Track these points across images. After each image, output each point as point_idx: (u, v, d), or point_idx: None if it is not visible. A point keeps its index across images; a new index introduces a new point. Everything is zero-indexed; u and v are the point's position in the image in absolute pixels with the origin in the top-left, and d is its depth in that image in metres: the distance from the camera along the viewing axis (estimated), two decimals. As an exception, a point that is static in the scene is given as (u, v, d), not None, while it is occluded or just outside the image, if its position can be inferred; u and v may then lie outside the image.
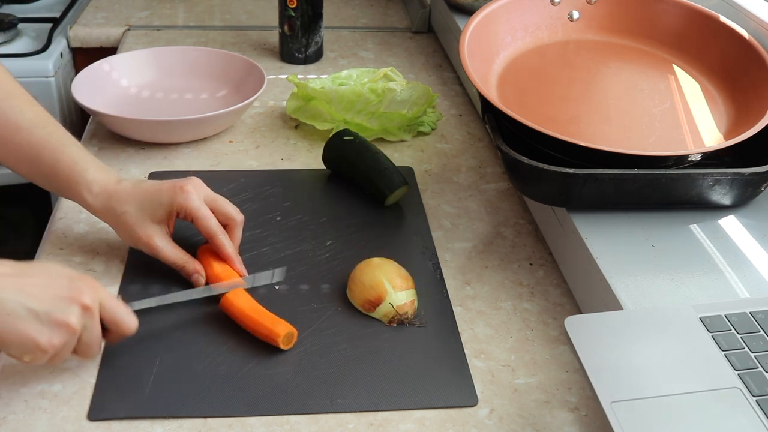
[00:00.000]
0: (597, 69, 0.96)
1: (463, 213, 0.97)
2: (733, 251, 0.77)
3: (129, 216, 0.80)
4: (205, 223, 0.81)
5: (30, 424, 0.67)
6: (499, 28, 0.96)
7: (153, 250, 0.81)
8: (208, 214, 0.81)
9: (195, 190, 0.81)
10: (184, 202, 0.80)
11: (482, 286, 0.85)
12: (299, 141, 1.12)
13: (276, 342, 0.73)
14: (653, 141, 0.85)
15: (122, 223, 0.81)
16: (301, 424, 0.68)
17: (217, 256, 0.82)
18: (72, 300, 0.65)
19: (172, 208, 0.80)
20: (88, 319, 0.66)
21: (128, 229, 0.81)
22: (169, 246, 0.81)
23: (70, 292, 0.65)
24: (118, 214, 0.81)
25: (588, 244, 0.77)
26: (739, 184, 0.80)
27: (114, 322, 0.69)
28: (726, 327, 0.61)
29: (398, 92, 1.11)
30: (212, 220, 0.81)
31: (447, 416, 0.69)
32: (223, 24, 1.54)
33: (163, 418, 0.68)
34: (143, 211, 0.80)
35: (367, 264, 0.80)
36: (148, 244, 0.81)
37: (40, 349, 0.63)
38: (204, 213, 0.81)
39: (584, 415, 0.70)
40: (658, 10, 0.98)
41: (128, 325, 0.70)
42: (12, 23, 1.47)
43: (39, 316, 0.63)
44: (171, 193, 0.80)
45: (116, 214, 0.81)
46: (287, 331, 0.73)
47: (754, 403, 0.56)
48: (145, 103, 1.17)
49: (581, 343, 0.60)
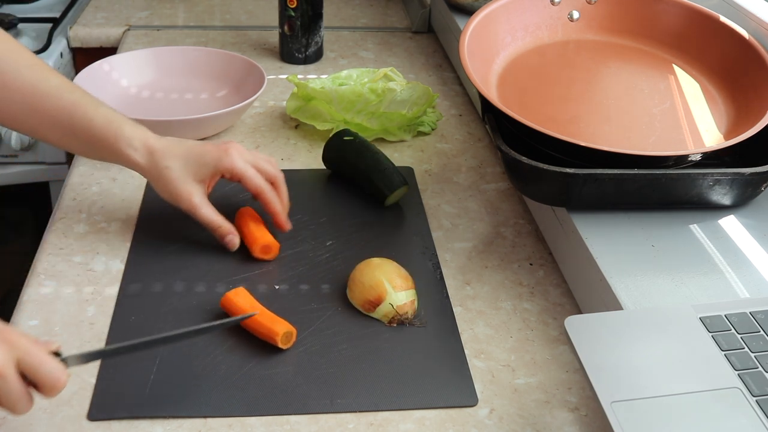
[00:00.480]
0: (597, 69, 0.96)
1: (463, 213, 0.97)
2: (733, 251, 0.77)
3: (172, 171, 0.82)
4: (253, 181, 0.84)
5: (30, 424, 0.66)
6: (499, 28, 0.96)
7: (192, 208, 0.83)
8: (254, 172, 0.84)
9: (238, 152, 0.84)
10: (231, 163, 0.83)
11: (482, 286, 0.85)
12: (299, 141, 1.12)
13: (275, 341, 0.73)
14: (653, 141, 0.85)
15: (164, 178, 0.82)
16: (301, 424, 0.68)
17: (255, 219, 0.87)
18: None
19: (217, 168, 0.83)
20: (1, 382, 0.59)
21: (169, 185, 0.83)
22: (208, 206, 0.84)
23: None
24: (161, 168, 0.82)
25: (588, 244, 0.77)
26: (739, 184, 0.80)
27: (36, 378, 0.60)
28: (726, 327, 0.61)
29: (398, 92, 1.11)
30: (259, 177, 0.84)
31: (447, 416, 0.69)
32: (223, 24, 1.54)
33: (163, 418, 0.68)
34: (187, 168, 0.83)
35: (367, 264, 0.80)
36: (189, 200, 0.83)
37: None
38: (251, 172, 0.84)
39: (584, 415, 0.70)
40: (658, 10, 0.98)
41: (53, 384, 0.60)
42: (12, 23, 1.47)
43: None
44: (216, 155, 0.83)
45: (159, 168, 0.82)
46: (286, 330, 0.73)
47: (754, 403, 0.56)
48: (145, 103, 1.17)
49: (581, 343, 0.60)
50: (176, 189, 0.83)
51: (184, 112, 1.12)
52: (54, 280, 0.83)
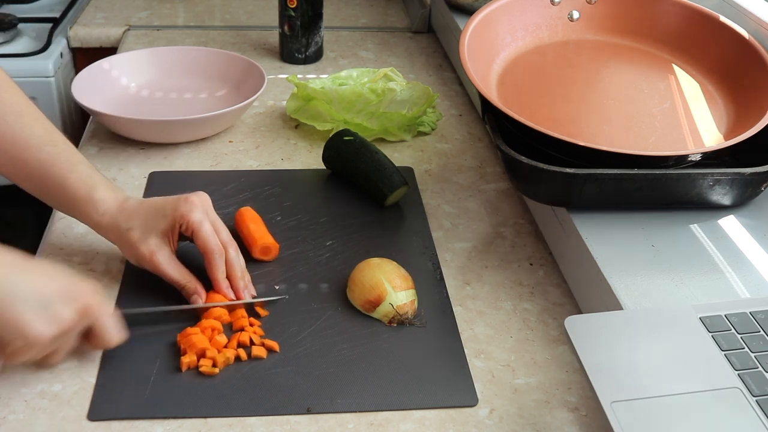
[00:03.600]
0: (597, 69, 0.96)
1: (463, 213, 0.97)
2: (733, 251, 0.77)
3: (132, 233, 0.79)
4: (205, 238, 0.78)
5: (30, 424, 0.67)
6: (499, 28, 0.96)
7: (155, 266, 0.78)
8: (208, 229, 0.78)
9: (200, 203, 0.79)
10: (187, 213, 0.78)
11: (482, 286, 0.85)
12: (299, 141, 1.12)
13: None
14: (653, 141, 0.85)
15: (126, 240, 0.79)
16: (301, 424, 0.68)
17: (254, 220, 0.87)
18: (73, 299, 0.66)
19: (174, 217, 0.78)
20: (80, 321, 0.67)
21: (132, 246, 0.79)
22: (173, 263, 0.79)
23: (73, 290, 0.66)
24: (123, 231, 0.79)
25: (588, 244, 0.77)
26: (739, 184, 0.80)
27: (102, 331, 0.69)
28: (726, 327, 0.61)
29: (398, 92, 1.11)
30: (212, 237, 0.78)
31: (447, 416, 0.69)
32: (223, 24, 1.54)
33: (163, 418, 0.68)
34: (146, 225, 0.79)
35: (366, 264, 0.80)
36: (150, 260, 0.78)
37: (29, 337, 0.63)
38: (205, 228, 0.78)
39: (584, 415, 0.70)
40: (658, 10, 0.98)
41: (112, 338, 0.70)
42: (12, 23, 1.47)
43: (39, 305, 0.63)
44: (175, 204, 0.79)
45: (121, 231, 0.79)
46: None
47: (754, 403, 0.56)
48: (145, 103, 1.17)
49: (581, 343, 0.60)
50: (139, 249, 0.78)
51: (183, 112, 1.12)
52: (54, 280, 0.82)
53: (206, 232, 0.78)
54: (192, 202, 0.79)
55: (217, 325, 0.75)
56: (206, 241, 0.78)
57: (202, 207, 0.79)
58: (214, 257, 0.78)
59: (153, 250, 0.78)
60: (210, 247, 0.78)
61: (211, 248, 0.78)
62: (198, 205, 0.79)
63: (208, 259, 0.79)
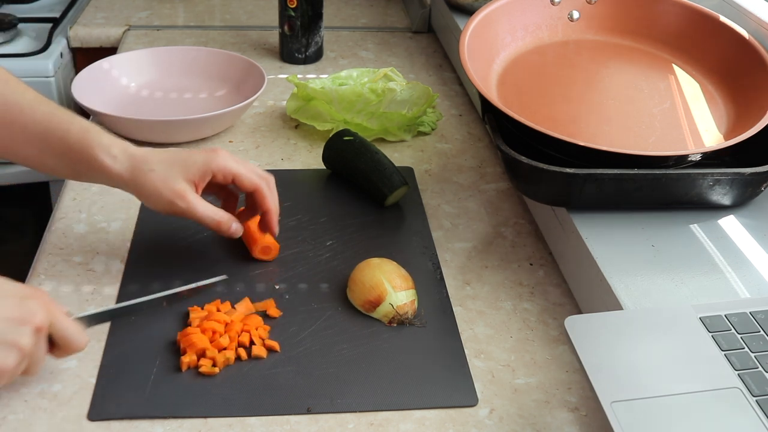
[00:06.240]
0: (597, 69, 0.96)
1: (463, 213, 0.97)
2: (733, 251, 0.77)
3: (157, 174, 0.76)
4: (249, 177, 0.80)
5: (30, 424, 0.67)
6: (499, 28, 0.96)
7: (187, 205, 0.77)
8: (249, 168, 0.81)
9: (228, 154, 0.81)
10: (223, 162, 0.79)
11: (482, 286, 0.85)
12: (299, 141, 1.12)
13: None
14: (653, 141, 0.85)
15: (150, 183, 0.76)
16: (301, 424, 0.68)
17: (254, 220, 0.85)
18: (24, 321, 0.63)
19: (208, 167, 0.78)
20: (39, 338, 0.64)
21: (157, 188, 0.76)
22: (204, 202, 0.78)
23: (22, 313, 0.63)
24: (145, 172, 0.76)
25: (588, 244, 0.77)
26: (739, 184, 0.80)
27: (64, 340, 0.67)
28: (726, 327, 0.61)
29: (398, 92, 1.11)
30: (255, 174, 0.81)
31: (447, 416, 0.69)
32: (223, 24, 1.54)
33: (163, 418, 0.68)
34: (173, 169, 0.77)
35: (366, 264, 0.80)
36: (183, 198, 0.76)
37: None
38: (246, 168, 0.80)
39: (584, 415, 0.70)
40: (658, 10, 0.98)
41: (78, 343, 0.67)
42: (12, 23, 1.47)
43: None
44: (205, 155, 0.79)
45: (143, 173, 0.76)
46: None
47: (754, 403, 0.56)
48: (144, 103, 1.17)
49: (581, 343, 0.60)
50: (166, 191, 0.76)
51: (183, 112, 1.12)
52: (54, 279, 0.83)
53: (248, 171, 0.81)
54: (223, 154, 0.80)
55: (218, 327, 0.75)
56: (252, 179, 0.80)
57: (230, 156, 0.81)
58: (264, 190, 0.81)
59: (183, 189, 0.77)
60: (256, 181, 0.81)
61: (258, 182, 0.81)
62: (228, 154, 0.80)
63: (260, 193, 0.81)
